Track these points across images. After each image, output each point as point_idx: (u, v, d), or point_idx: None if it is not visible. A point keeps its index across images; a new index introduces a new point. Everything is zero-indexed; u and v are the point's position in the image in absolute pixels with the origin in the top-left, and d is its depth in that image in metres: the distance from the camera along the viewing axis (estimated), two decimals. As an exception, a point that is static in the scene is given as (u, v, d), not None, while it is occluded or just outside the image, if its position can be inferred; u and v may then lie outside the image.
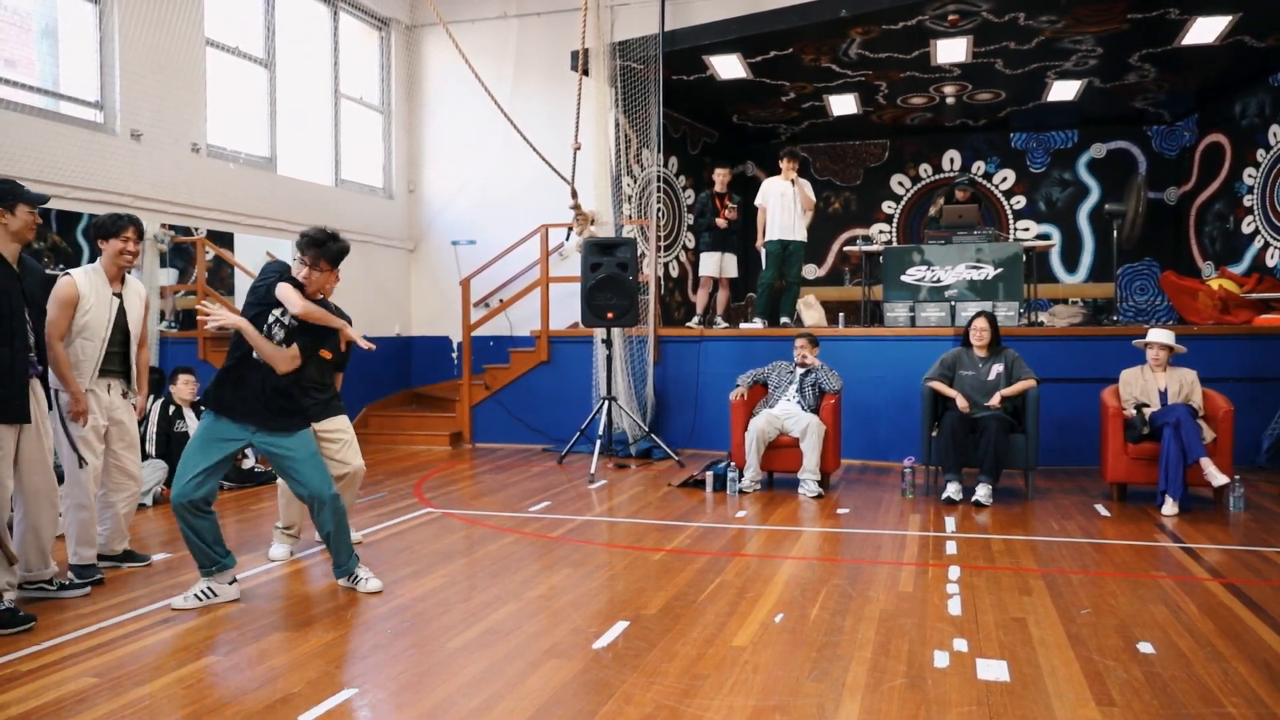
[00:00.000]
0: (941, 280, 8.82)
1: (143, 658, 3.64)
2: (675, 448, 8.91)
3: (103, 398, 4.81)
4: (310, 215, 9.67)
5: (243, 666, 3.56)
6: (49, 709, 3.15)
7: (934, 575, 4.80)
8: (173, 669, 3.52)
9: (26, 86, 6.97)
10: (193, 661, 3.59)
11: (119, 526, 5.00)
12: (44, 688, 3.34)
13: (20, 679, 3.42)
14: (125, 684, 3.37)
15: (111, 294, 4.77)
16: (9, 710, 3.15)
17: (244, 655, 3.68)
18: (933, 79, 10.18)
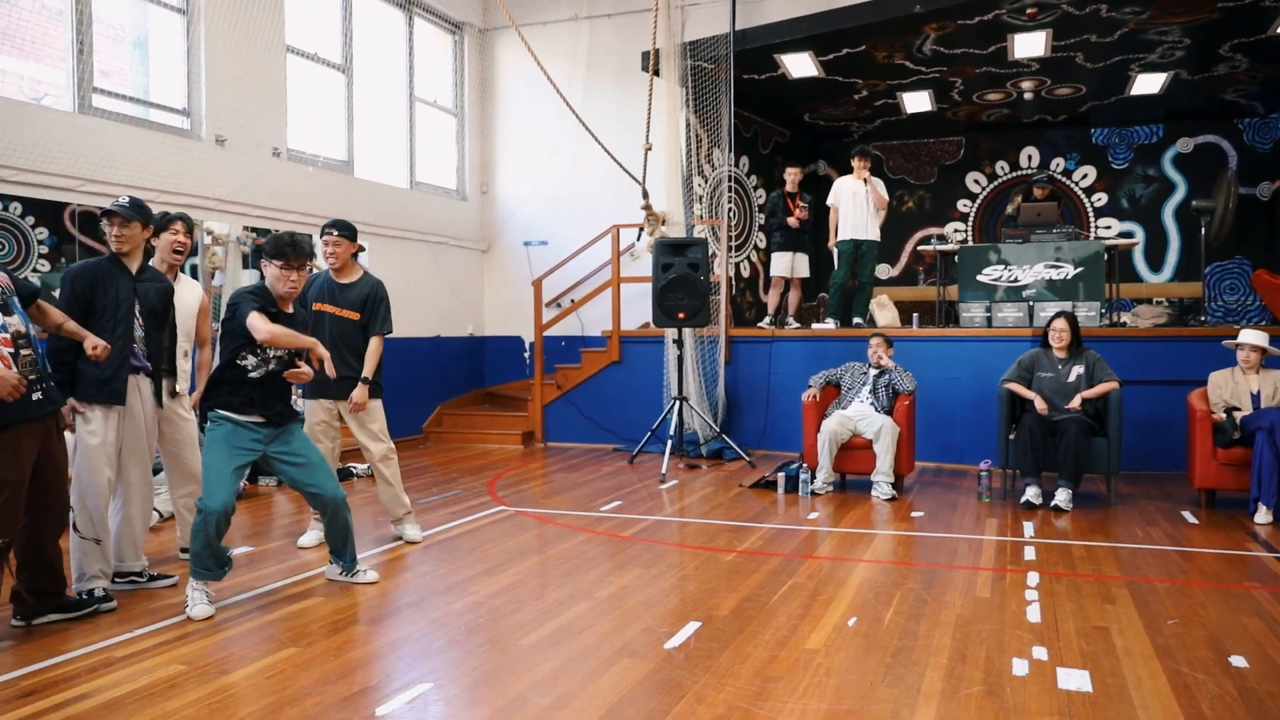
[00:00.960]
0: (1019, 280, 8.63)
1: (227, 647, 3.75)
2: (746, 448, 8.88)
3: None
4: (386, 217, 9.87)
5: (322, 658, 3.64)
6: (141, 694, 3.27)
7: (1012, 581, 4.70)
8: (256, 659, 3.61)
9: (120, 95, 7.22)
10: (275, 652, 3.69)
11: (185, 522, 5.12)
12: (137, 673, 3.46)
13: (114, 665, 3.55)
14: (212, 672, 3.47)
15: None
16: (105, 694, 3.27)
17: (323, 647, 3.76)
18: (1010, 74, 9.96)
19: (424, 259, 10.54)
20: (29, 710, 3.14)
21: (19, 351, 3.72)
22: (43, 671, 3.49)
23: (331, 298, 5.49)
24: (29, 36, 6.95)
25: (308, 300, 5.46)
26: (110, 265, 4.39)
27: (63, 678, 3.43)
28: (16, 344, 3.72)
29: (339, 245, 5.50)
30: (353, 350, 5.46)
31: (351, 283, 5.55)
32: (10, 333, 3.70)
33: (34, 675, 3.45)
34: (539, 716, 3.08)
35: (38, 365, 3.81)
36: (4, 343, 3.67)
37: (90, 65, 6.86)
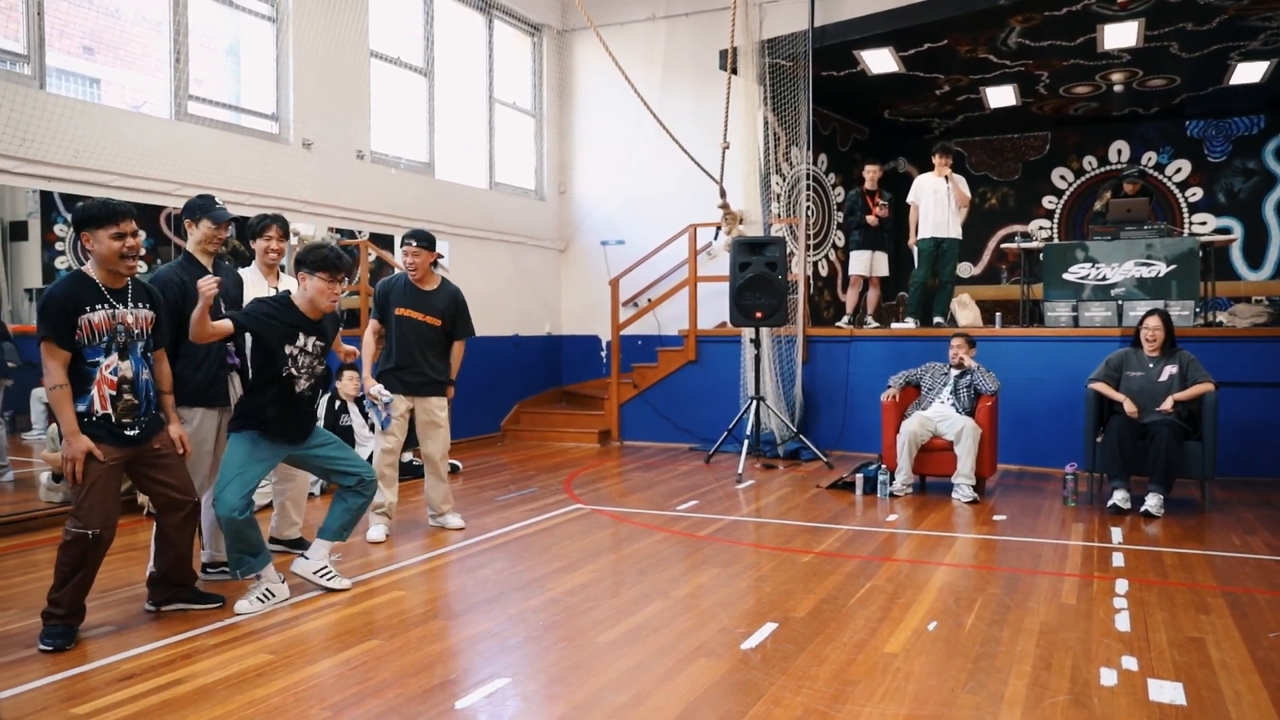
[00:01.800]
0: (1107, 278, 8.37)
1: (313, 638, 3.85)
2: (824, 449, 8.79)
3: None
4: (466, 217, 10.02)
5: (404, 651, 3.72)
6: (232, 681, 3.38)
7: (1099, 588, 4.57)
8: (340, 650, 3.71)
9: (213, 102, 7.47)
10: (358, 644, 3.78)
11: (288, 515, 5.29)
12: (227, 661, 3.58)
13: (206, 652, 3.68)
14: (298, 662, 3.57)
15: (269, 287, 5.12)
16: (198, 680, 3.39)
17: (404, 640, 3.84)
18: (1099, 66, 9.67)
19: (503, 259, 10.67)
20: (130, 693, 3.27)
21: (120, 395, 3.85)
22: (142, 656, 3.63)
23: (416, 304, 5.68)
24: (130, 47, 7.24)
25: (390, 305, 5.65)
26: (189, 266, 4.55)
27: (160, 663, 3.57)
28: (120, 388, 3.85)
29: (418, 255, 5.71)
30: (436, 353, 5.74)
31: (433, 290, 5.77)
32: (118, 377, 3.85)
33: (133, 660, 3.60)
34: (615, 714, 3.10)
35: (137, 410, 3.92)
36: (110, 384, 3.82)
37: (186, 74, 7.10)
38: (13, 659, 3.60)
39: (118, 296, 3.88)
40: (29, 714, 3.10)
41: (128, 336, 3.89)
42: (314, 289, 4.31)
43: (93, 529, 3.75)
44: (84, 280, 3.83)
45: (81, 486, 3.76)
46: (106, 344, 3.81)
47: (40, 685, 3.34)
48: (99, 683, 3.38)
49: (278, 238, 5.09)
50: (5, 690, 3.28)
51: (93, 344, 3.78)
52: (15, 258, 6.36)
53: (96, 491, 3.77)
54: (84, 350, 3.77)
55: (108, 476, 3.82)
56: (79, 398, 3.77)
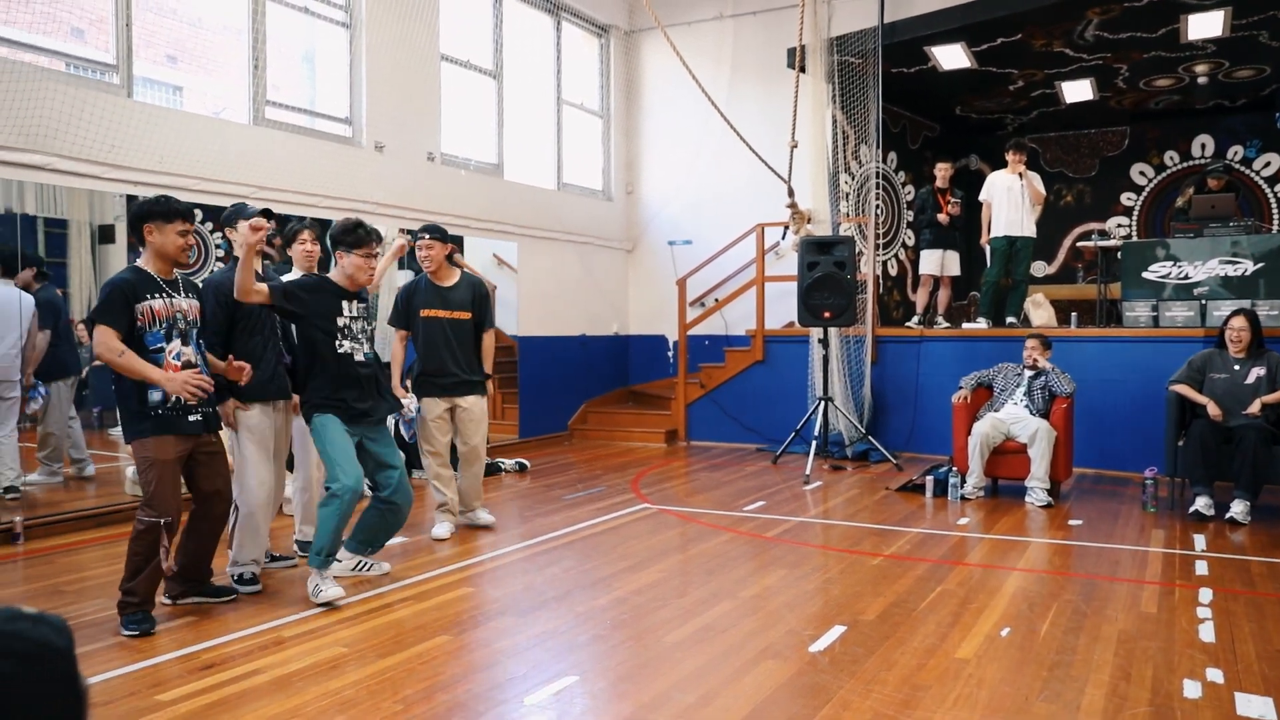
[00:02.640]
0: (1190, 277, 8.11)
1: (385, 633, 3.92)
2: (893, 450, 8.68)
3: None
4: (534, 218, 10.11)
5: (473, 647, 3.77)
6: (308, 673, 3.46)
7: (1182, 597, 4.43)
8: (411, 644, 3.77)
9: (289, 107, 7.65)
10: (429, 639, 3.84)
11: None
12: (303, 653, 3.66)
13: (283, 644, 3.77)
14: (370, 655, 3.64)
15: None
16: (275, 671, 3.48)
17: (474, 637, 3.89)
18: (1182, 58, 9.37)
19: (570, 259, 10.74)
20: (210, 682, 3.37)
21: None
22: (220, 647, 3.74)
23: (441, 302, 5.64)
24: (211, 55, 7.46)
25: (414, 308, 5.66)
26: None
27: (238, 653, 3.67)
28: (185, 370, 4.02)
29: (432, 248, 5.68)
30: (466, 350, 5.69)
31: (454, 284, 5.73)
32: (181, 361, 4.04)
33: (213, 650, 3.71)
34: (682, 714, 3.10)
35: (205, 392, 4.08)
36: (176, 369, 4.00)
37: (264, 80, 7.29)
38: (99, 646, 3.74)
39: (171, 287, 4.10)
40: (116, 699, 3.21)
41: (186, 324, 4.10)
42: (352, 265, 4.45)
43: (165, 517, 3.93)
44: (140, 271, 4.06)
45: (150, 479, 3.96)
46: (166, 330, 4.02)
47: (125, 672, 3.46)
48: (180, 671, 3.48)
49: (311, 240, 5.20)
50: (93, 677, 3.40)
51: (153, 329, 3.98)
52: (103, 260, 6.59)
53: (165, 483, 3.96)
54: (145, 336, 3.97)
55: (174, 468, 4.02)
56: (151, 385, 3.95)
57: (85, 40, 6.45)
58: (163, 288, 4.05)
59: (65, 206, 6.29)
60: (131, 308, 3.94)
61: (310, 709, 3.14)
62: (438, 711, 3.13)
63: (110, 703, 3.18)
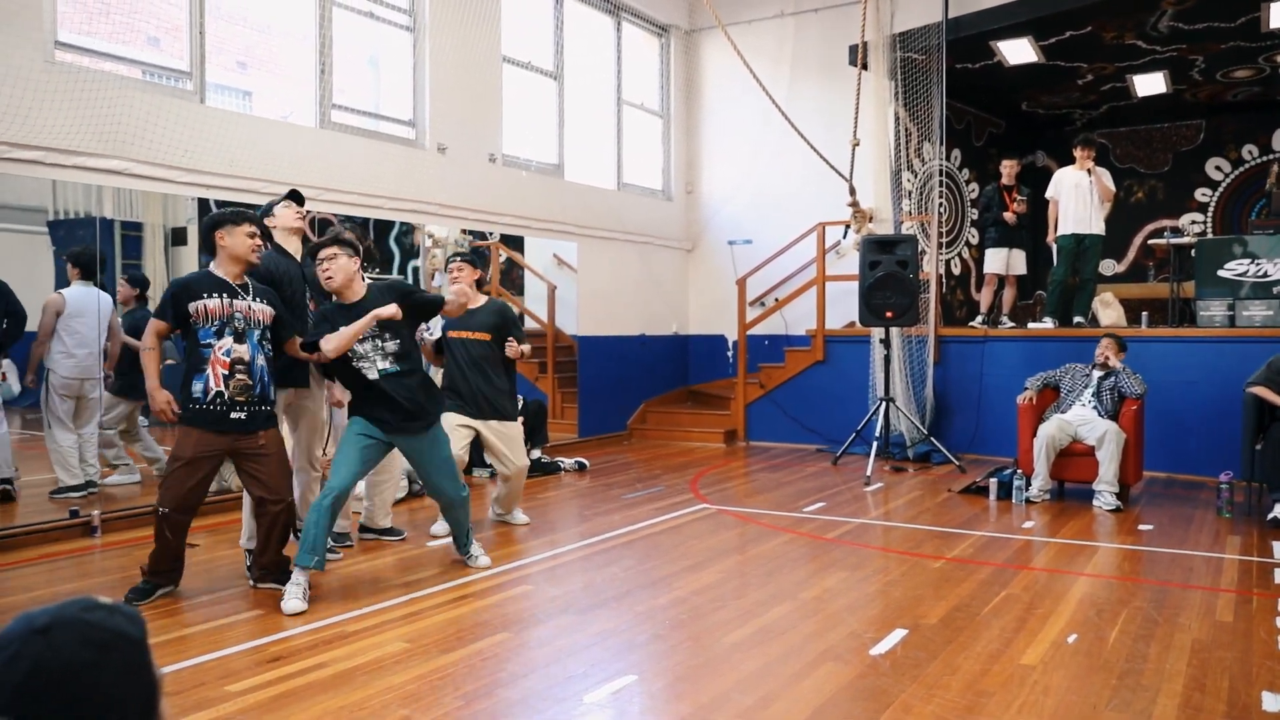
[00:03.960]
0: (1269, 275, 7.84)
1: (446, 629, 3.97)
2: (956, 452, 8.54)
3: None
4: (594, 218, 10.15)
5: (533, 645, 3.80)
6: (371, 666, 3.52)
7: (1260, 606, 4.29)
8: (472, 641, 3.81)
9: (354, 110, 7.79)
10: (489, 636, 3.88)
11: (382, 504, 5.62)
12: (366, 648, 3.73)
13: (347, 638, 3.84)
14: (432, 651, 3.69)
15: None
16: (339, 665, 3.55)
17: (534, 634, 3.92)
18: (1263, 48, 9.06)
19: (630, 258, 10.76)
20: (277, 674, 3.45)
21: (233, 374, 4.25)
22: (286, 640, 3.82)
23: (462, 323, 5.70)
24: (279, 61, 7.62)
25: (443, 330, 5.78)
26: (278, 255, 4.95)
27: (304, 647, 3.74)
28: (234, 368, 4.25)
29: (462, 270, 5.73)
30: (491, 371, 5.72)
31: (479, 307, 5.78)
32: (232, 358, 4.25)
33: (280, 643, 3.79)
34: (741, 715, 3.09)
35: (251, 390, 4.30)
36: (222, 365, 4.22)
37: (330, 84, 7.43)
38: (171, 637, 3.84)
39: (241, 289, 4.34)
40: (186, 689, 3.30)
41: (245, 324, 4.30)
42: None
43: (164, 506, 4.20)
44: (208, 273, 4.35)
45: (169, 469, 4.26)
46: (219, 328, 4.24)
47: (196, 663, 3.55)
48: (249, 663, 3.57)
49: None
50: (164, 667, 3.50)
51: (205, 326, 4.23)
52: (175, 261, 6.77)
53: (176, 475, 4.22)
54: (197, 331, 4.23)
55: (193, 466, 4.22)
56: (196, 376, 4.21)
57: (161, 48, 6.64)
58: (226, 287, 4.29)
59: (141, 210, 6.49)
60: (183, 305, 4.21)
61: (373, 703, 3.19)
62: (499, 708, 3.16)
63: (181, 692, 3.27)
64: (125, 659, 1.07)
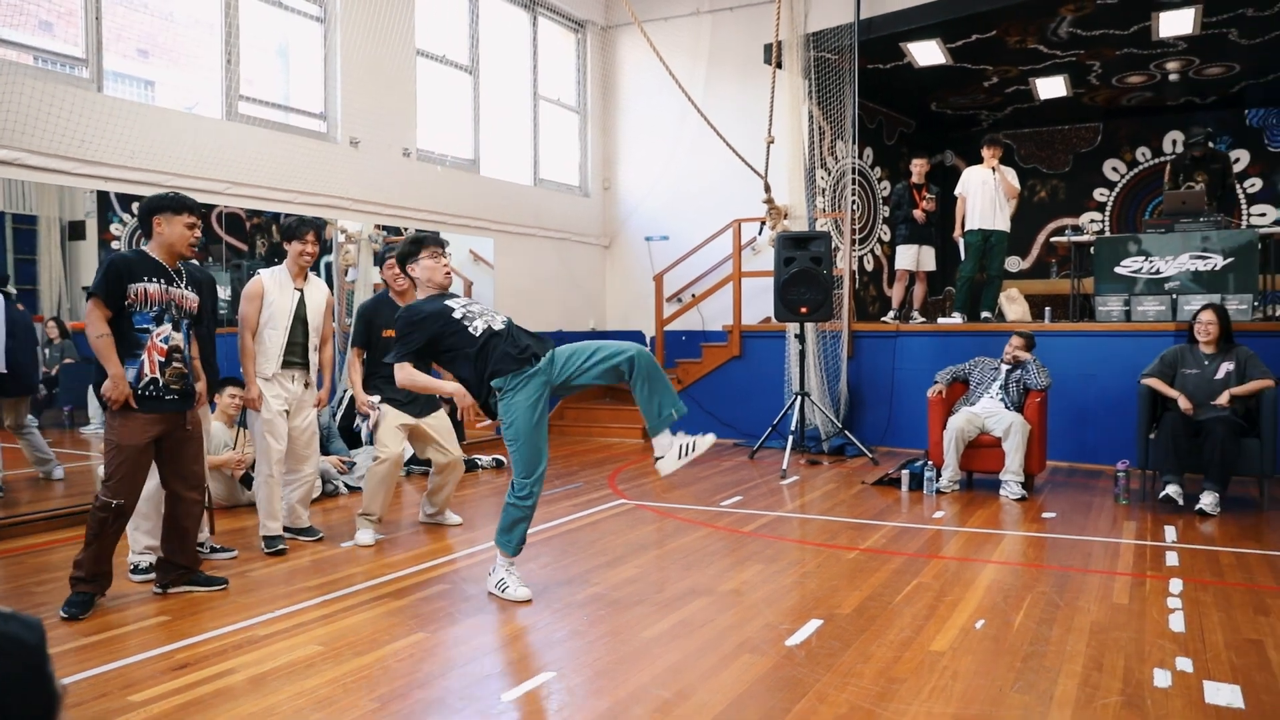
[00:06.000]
0: (1161, 271, 8.19)
1: (360, 630, 3.90)
2: (869, 445, 8.72)
3: (289, 388, 5.30)
4: (511, 214, 10.08)
5: (450, 644, 3.76)
6: (283, 671, 3.44)
7: (1153, 588, 4.49)
8: (387, 642, 3.75)
9: (263, 102, 7.59)
10: (405, 637, 3.82)
11: (298, 503, 5.49)
12: (278, 652, 3.64)
13: (258, 643, 3.75)
14: (346, 653, 3.62)
15: (294, 289, 5.29)
16: (250, 670, 3.45)
17: (451, 634, 3.88)
18: (1153, 55, 9.46)
19: (547, 255, 10.72)
20: (184, 681, 3.34)
21: (170, 361, 4.18)
22: (193, 646, 3.71)
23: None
24: (183, 50, 7.38)
25: (376, 328, 5.63)
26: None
27: (212, 653, 3.64)
28: (170, 356, 4.19)
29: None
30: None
31: None
32: (169, 345, 4.19)
33: (186, 650, 3.67)
34: (660, 709, 3.11)
35: (185, 379, 4.26)
36: (160, 351, 4.15)
37: (237, 74, 7.23)
38: (71, 646, 3.70)
39: (174, 274, 4.24)
40: (87, 700, 3.18)
41: (179, 313, 4.23)
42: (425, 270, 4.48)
43: (118, 499, 4.05)
44: (144, 254, 4.21)
45: (112, 460, 4.08)
46: (158, 314, 4.15)
47: (97, 673, 3.42)
48: (154, 671, 3.45)
49: (314, 242, 5.25)
50: (64, 677, 3.36)
51: (142, 310, 4.11)
52: (73, 257, 6.51)
53: (128, 465, 4.07)
54: (134, 315, 4.10)
55: (142, 454, 4.11)
56: (129, 362, 4.08)
57: (54, 34, 6.37)
58: (163, 272, 4.19)
59: (35, 203, 6.22)
60: (123, 286, 4.08)
61: (284, 709, 3.12)
62: (414, 709, 3.12)
63: (81, 704, 3.15)
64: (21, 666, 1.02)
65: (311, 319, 5.35)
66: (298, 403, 5.33)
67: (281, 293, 5.23)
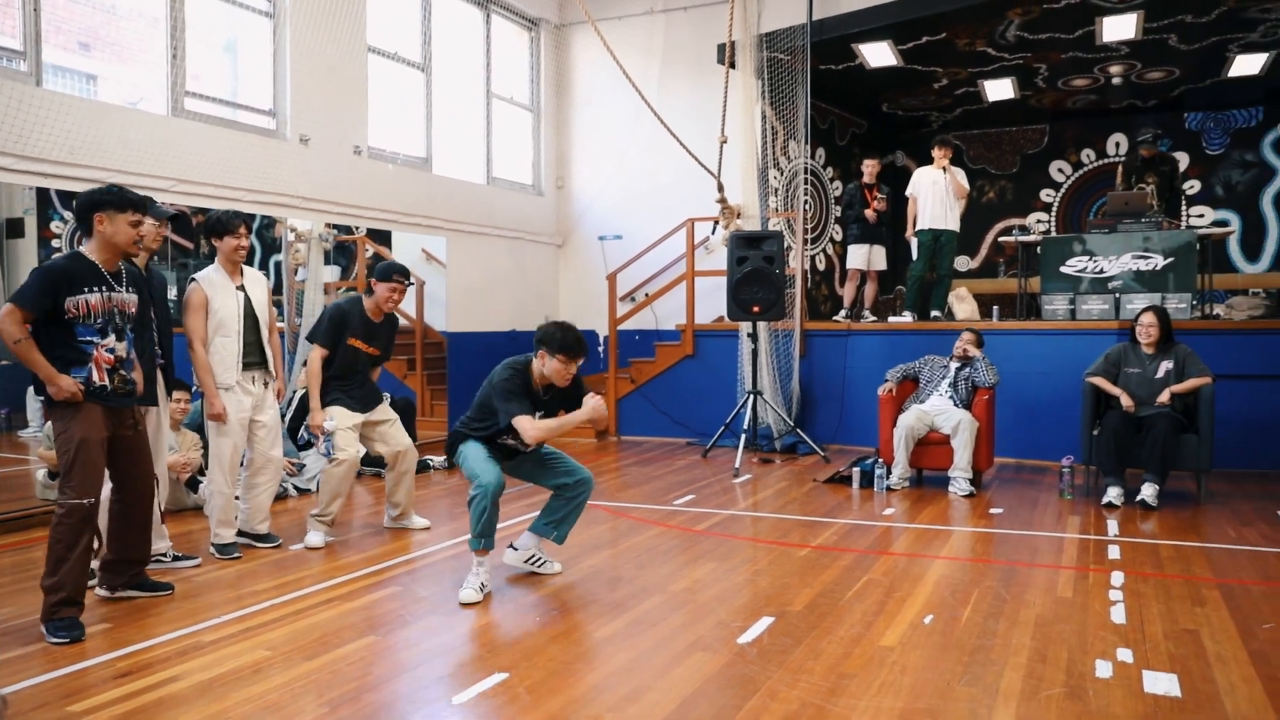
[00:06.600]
0: (1105, 271, 8.37)
1: (308, 634, 3.86)
2: (821, 443, 8.80)
3: (253, 391, 5.15)
4: (463, 213, 10.01)
5: (400, 647, 3.73)
6: (229, 677, 3.38)
7: (1095, 581, 4.58)
8: (336, 646, 3.71)
9: (210, 98, 7.46)
10: (355, 640, 3.78)
11: (259, 508, 5.31)
12: (225, 658, 3.58)
13: (203, 649, 3.68)
14: (294, 658, 3.58)
15: (235, 287, 5.10)
16: (196, 677, 3.40)
17: (402, 636, 3.85)
18: (1098, 59, 9.66)
19: (500, 254, 10.66)
20: (126, 690, 3.28)
21: (116, 370, 3.97)
22: (137, 654, 3.64)
23: (367, 337, 5.62)
24: (127, 43, 7.23)
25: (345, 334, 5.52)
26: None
27: (156, 660, 3.57)
28: (117, 365, 3.97)
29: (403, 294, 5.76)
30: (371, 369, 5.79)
31: (381, 322, 5.73)
32: (115, 355, 3.96)
33: (129, 657, 3.60)
34: (612, 708, 3.11)
35: (131, 385, 4.06)
36: (107, 361, 3.93)
37: (183, 69, 7.09)
38: (10, 656, 3.61)
39: (114, 279, 3.98)
40: (25, 711, 3.10)
41: (123, 319, 4.00)
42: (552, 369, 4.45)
43: (87, 498, 3.83)
44: (82, 259, 3.93)
45: (70, 459, 3.84)
46: (102, 325, 3.92)
47: (38, 683, 3.35)
48: (96, 680, 3.38)
49: (247, 235, 5.10)
50: (3, 688, 3.28)
51: (86, 323, 3.88)
52: (11, 255, 6.36)
53: (85, 461, 3.84)
54: (76, 328, 3.87)
55: (97, 448, 3.90)
56: (75, 369, 3.86)
57: (-10, 26, 6.21)
58: (105, 279, 3.94)
59: (-30, 199, 6.06)
60: (57, 297, 3.81)
61: (232, 715, 3.07)
62: (364, 713, 3.09)
63: (19, 715, 3.08)
64: None
65: (260, 314, 5.20)
66: (259, 403, 5.19)
67: (225, 296, 5.03)
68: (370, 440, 5.70)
